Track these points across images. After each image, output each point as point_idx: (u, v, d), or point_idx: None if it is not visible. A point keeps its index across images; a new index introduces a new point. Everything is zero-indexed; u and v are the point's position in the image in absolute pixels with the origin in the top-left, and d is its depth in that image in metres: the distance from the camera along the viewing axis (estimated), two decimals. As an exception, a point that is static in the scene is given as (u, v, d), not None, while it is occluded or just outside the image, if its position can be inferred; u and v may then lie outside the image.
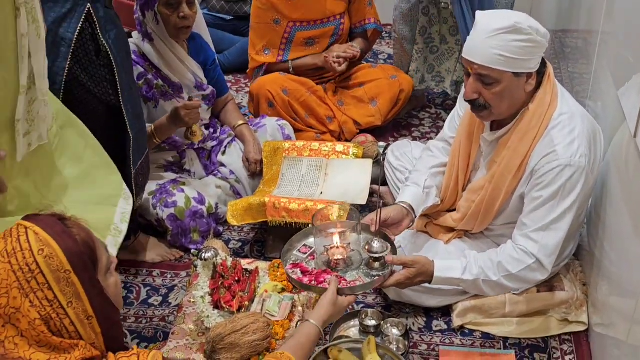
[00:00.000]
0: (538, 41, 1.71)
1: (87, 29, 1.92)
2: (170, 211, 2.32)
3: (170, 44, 2.43)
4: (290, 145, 2.59)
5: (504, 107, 1.82)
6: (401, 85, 2.93)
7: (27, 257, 1.09)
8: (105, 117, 2.00)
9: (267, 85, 2.79)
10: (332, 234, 1.76)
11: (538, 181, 1.77)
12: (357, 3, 2.96)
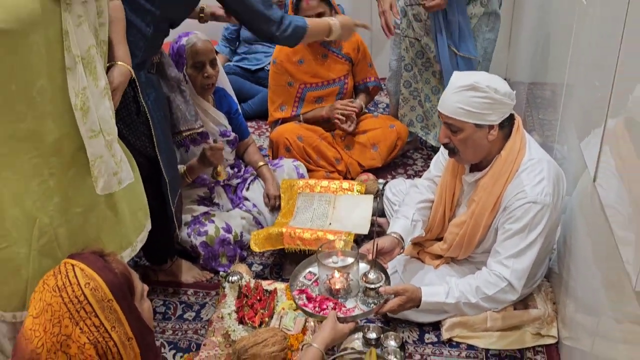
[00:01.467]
0: (496, 99, 1.73)
1: (129, 92, 1.90)
2: (202, 239, 2.33)
3: (198, 99, 2.45)
4: (304, 183, 2.61)
5: (469, 152, 1.85)
6: (398, 134, 2.96)
7: (75, 291, 1.09)
8: (143, 165, 1.98)
9: (285, 134, 2.81)
10: (333, 266, 1.77)
11: (509, 215, 1.78)
12: (360, 65, 3.00)
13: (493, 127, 1.77)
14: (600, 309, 1.50)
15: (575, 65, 1.91)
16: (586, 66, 1.74)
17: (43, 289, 1.11)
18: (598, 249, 1.55)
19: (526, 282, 1.84)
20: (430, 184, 2.15)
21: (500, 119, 1.77)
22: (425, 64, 2.86)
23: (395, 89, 3.05)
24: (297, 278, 1.85)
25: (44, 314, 1.08)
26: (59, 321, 1.07)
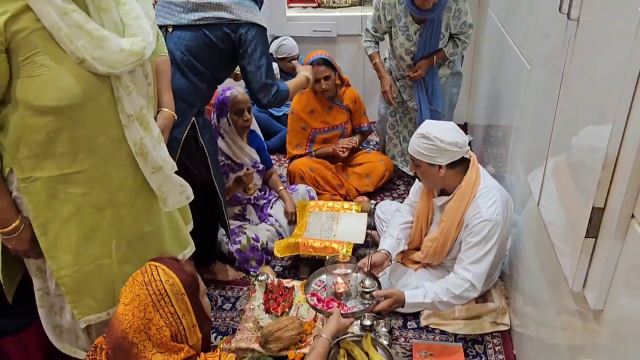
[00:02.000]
0: (441, 147, 1.76)
1: (191, 133, 1.92)
2: (237, 246, 2.33)
3: (237, 138, 2.46)
4: (314, 203, 2.61)
5: (428, 182, 1.92)
6: (386, 166, 2.97)
7: (158, 285, 1.12)
8: (200, 189, 1.97)
9: (300, 166, 2.82)
10: (338, 275, 1.78)
11: (470, 231, 1.79)
12: (356, 114, 3.01)
13: (442, 167, 1.80)
14: (543, 303, 1.51)
15: (522, 114, 1.92)
16: (531, 115, 1.75)
17: (133, 283, 1.14)
18: (541, 257, 1.56)
19: (484, 281, 1.84)
20: (409, 208, 2.15)
21: (447, 161, 1.79)
22: (405, 112, 2.93)
23: (382, 130, 3.08)
24: (310, 285, 1.84)
25: (132, 302, 1.11)
26: (144, 308, 1.10)
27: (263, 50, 1.91)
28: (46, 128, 1.19)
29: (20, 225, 1.27)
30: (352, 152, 2.97)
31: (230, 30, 1.85)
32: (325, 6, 3.90)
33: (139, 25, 1.28)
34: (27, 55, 1.11)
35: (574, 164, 1.11)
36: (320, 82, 2.74)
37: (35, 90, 1.14)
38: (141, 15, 1.29)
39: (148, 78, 1.38)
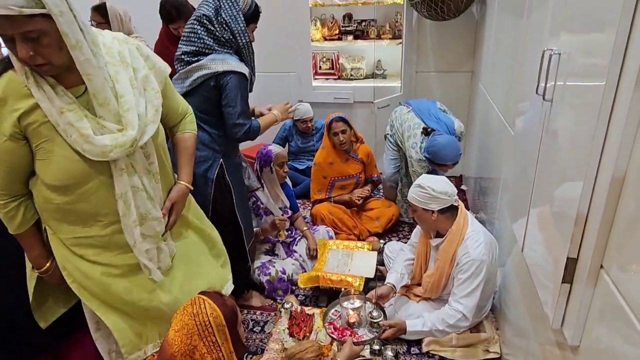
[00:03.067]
0: (433, 195, 1.80)
1: (220, 172, 1.93)
2: (267, 277, 2.33)
3: (276, 185, 2.51)
4: (333, 242, 2.61)
5: (423, 224, 1.96)
6: (393, 212, 2.97)
7: (204, 317, 1.12)
8: (228, 220, 2.00)
9: (321, 209, 2.85)
10: (350, 307, 1.78)
11: (460, 268, 1.80)
12: (368, 166, 3.04)
13: (434, 212, 1.82)
14: (528, 335, 1.48)
15: (507, 170, 1.93)
16: (514, 172, 1.75)
17: (183, 312, 1.15)
18: (525, 294, 1.53)
19: (476, 313, 1.82)
20: (411, 247, 2.16)
21: (439, 207, 1.83)
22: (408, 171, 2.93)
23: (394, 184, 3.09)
24: (327, 314, 1.83)
25: (181, 330, 1.11)
26: (191, 336, 1.11)
27: (237, 95, 1.80)
28: (56, 200, 1.21)
29: (50, 267, 1.32)
30: (364, 198, 2.98)
31: (214, 82, 1.81)
32: (345, 78, 4.02)
33: (129, 118, 1.18)
34: (38, 143, 1.14)
35: (551, 218, 1.12)
36: (338, 135, 2.80)
37: (44, 170, 1.17)
38: (132, 107, 1.19)
39: (150, 158, 1.29)
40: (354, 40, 3.84)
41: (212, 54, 1.80)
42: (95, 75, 1.11)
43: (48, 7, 0.98)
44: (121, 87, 1.18)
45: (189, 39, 1.82)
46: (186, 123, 1.51)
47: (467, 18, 3.19)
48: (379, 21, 3.84)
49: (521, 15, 1.84)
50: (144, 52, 1.29)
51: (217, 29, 1.79)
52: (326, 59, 4.02)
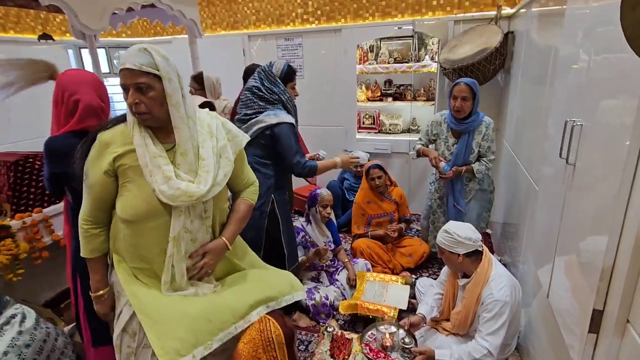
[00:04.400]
0: (458, 240, 1.75)
1: (272, 207, 2.00)
2: (312, 302, 2.31)
3: (320, 222, 2.53)
4: (370, 274, 2.56)
5: (451, 266, 1.87)
6: (424, 250, 2.87)
7: (269, 334, 1.13)
8: (278, 249, 2.03)
9: (360, 244, 2.81)
10: (385, 332, 1.72)
11: (485, 308, 1.70)
12: (401, 207, 2.99)
13: (460, 255, 1.75)
14: (554, 377, 1.35)
15: (532, 220, 1.85)
16: (539, 222, 1.67)
17: (252, 328, 1.15)
18: (550, 337, 1.42)
19: (501, 350, 1.69)
20: (440, 284, 2.07)
21: (464, 251, 1.75)
22: (441, 213, 2.81)
23: (426, 224, 3.00)
24: (364, 336, 1.79)
25: (249, 343, 1.12)
26: (256, 349, 1.12)
27: (289, 139, 1.89)
28: (123, 232, 1.21)
29: (105, 293, 1.27)
30: (399, 235, 2.93)
31: (270, 132, 1.91)
32: (384, 132, 4.06)
33: (205, 177, 1.18)
34: (123, 182, 1.17)
35: (577, 268, 1.06)
36: (375, 179, 2.81)
37: (120, 205, 1.18)
38: (211, 171, 1.19)
39: (207, 213, 1.24)
40: (393, 101, 3.90)
41: (265, 112, 1.94)
42: (183, 130, 1.16)
43: (160, 71, 1.09)
44: (205, 151, 1.20)
45: (246, 104, 2.00)
46: (247, 192, 1.43)
47: (493, 84, 3.17)
48: (415, 86, 3.90)
49: (543, 85, 1.82)
50: (227, 127, 1.32)
51: (265, 93, 1.95)
52: (369, 115, 4.09)
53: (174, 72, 1.13)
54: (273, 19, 3.96)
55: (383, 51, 3.86)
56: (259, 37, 4.01)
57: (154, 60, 1.09)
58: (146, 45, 1.11)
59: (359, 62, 3.87)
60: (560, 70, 1.45)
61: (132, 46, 1.11)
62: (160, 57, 1.10)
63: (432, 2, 3.40)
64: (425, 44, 3.73)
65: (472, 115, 2.39)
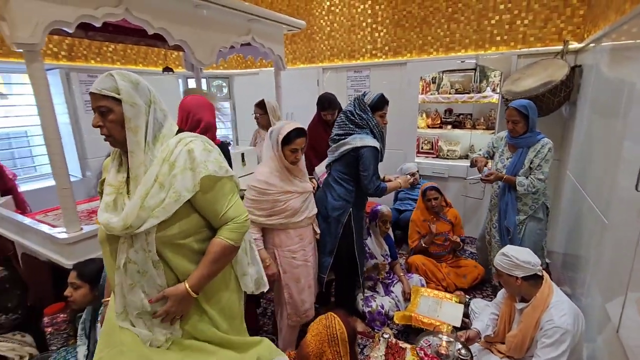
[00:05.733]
0: (516, 263, 1.60)
1: (348, 219, 1.99)
2: (369, 309, 2.27)
3: (379, 237, 2.50)
4: (424, 290, 2.46)
5: (509, 289, 1.72)
6: (479, 272, 2.70)
7: (334, 330, 1.13)
8: (350, 259, 2.03)
9: (416, 260, 2.72)
10: (442, 339, 1.64)
11: (544, 333, 1.54)
12: (456, 227, 2.84)
13: (518, 278, 1.61)
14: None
15: (599, 252, 1.66)
16: (608, 255, 1.51)
17: (319, 323, 1.16)
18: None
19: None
20: (497, 305, 1.92)
21: (523, 275, 1.60)
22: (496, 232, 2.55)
23: (480, 245, 2.82)
24: (419, 341, 1.72)
25: (316, 336, 1.13)
26: (322, 342, 1.12)
27: (370, 162, 1.92)
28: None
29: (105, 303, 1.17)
30: (453, 255, 2.78)
31: (354, 153, 1.95)
32: (441, 157, 3.94)
33: (128, 207, 0.98)
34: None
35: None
36: (431, 200, 2.71)
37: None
38: (137, 201, 0.98)
39: (149, 246, 1.01)
40: (452, 128, 3.78)
41: (354, 134, 2.00)
42: (137, 154, 1.00)
43: (121, 94, 0.98)
44: (144, 178, 1.00)
45: (339, 126, 2.07)
46: (224, 229, 1.09)
47: (557, 115, 2.94)
48: (474, 115, 3.74)
49: (615, 117, 1.66)
50: (193, 155, 1.03)
51: (356, 118, 2.01)
52: (427, 141, 4.00)
53: (142, 96, 1.01)
54: (345, 54, 4.09)
55: (445, 82, 3.78)
56: (332, 69, 4.16)
57: (116, 84, 0.99)
58: (114, 71, 1.01)
59: (422, 92, 3.83)
60: (637, 103, 1.32)
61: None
62: (125, 82, 0.99)
63: (495, 38, 3.28)
64: (487, 76, 3.59)
65: (528, 133, 2.25)
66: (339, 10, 4.04)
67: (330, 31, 4.13)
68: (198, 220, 1.07)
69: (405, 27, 3.68)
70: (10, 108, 2.94)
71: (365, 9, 3.88)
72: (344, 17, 4.02)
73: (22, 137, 3.11)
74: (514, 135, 2.28)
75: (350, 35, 4.01)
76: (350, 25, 3.99)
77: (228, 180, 1.09)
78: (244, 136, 4.93)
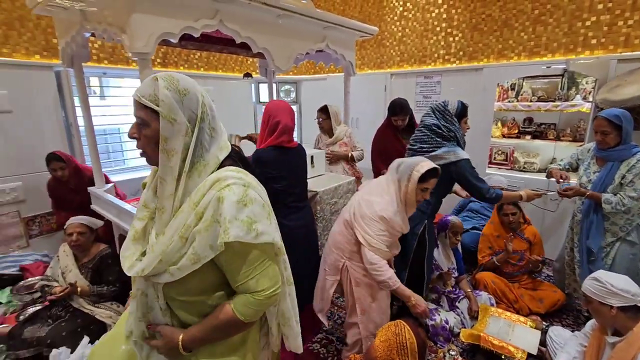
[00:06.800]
0: (612, 290, 1.43)
1: (422, 231, 2.01)
2: (432, 322, 2.19)
3: (448, 248, 2.41)
4: (494, 309, 2.30)
5: (599, 319, 1.54)
6: (559, 297, 2.45)
7: (403, 339, 1.12)
8: (419, 266, 2.02)
9: (485, 277, 2.55)
10: None
11: None
12: (535, 246, 2.59)
13: (613, 307, 1.42)
14: None
15: None
16: None
17: (388, 329, 1.16)
18: None
19: None
20: (584, 336, 1.72)
21: (619, 304, 1.41)
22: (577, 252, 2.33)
23: (558, 266, 2.56)
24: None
25: (385, 342, 1.13)
26: (390, 349, 1.11)
27: (470, 172, 1.94)
28: None
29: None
30: (528, 276, 2.55)
31: (453, 167, 1.93)
32: (516, 169, 3.65)
33: (149, 257, 0.86)
34: None
35: None
36: (508, 216, 2.53)
37: None
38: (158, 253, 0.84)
39: (157, 291, 0.91)
40: (532, 139, 3.48)
41: (443, 147, 1.98)
42: (168, 183, 0.83)
43: (160, 106, 0.80)
44: (170, 225, 0.84)
45: (422, 140, 2.05)
46: (239, 298, 0.90)
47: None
48: (559, 125, 3.41)
49: None
50: (222, 208, 0.82)
51: (444, 130, 1.98)
52: (501, 152, 3.74)
53: (187, 111, 0.82)
54: (416, 59, 4.01)
55: (525, 89, 3.50)
56: (401, 75, 4.10)
57: (157, 92, 0.80)
58: (163, 74, 0.83)
59: (498, 99, 3.59)
60: None
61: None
62: (170, 91, 0.80)
63: (590, 41, 2.96)
64: (577, 83, 3.25)
65: (621, 145, 2.00)
66: (412, 16, 3.98)
67: (402, 36, 4.08)
68: (216, 279, 0.89)
69: (484, 31, 3.50)
70: (106, 108, 3.36)
71: (440, 13, 3.77)
72: (417, 22, 3.94)
73: (115, 133, 3.53)
74: (603, 148, 2.05)
75: (423, 40, 3.93)
76: (423, 30, 3.91)
77: (255, 247, 0.85)
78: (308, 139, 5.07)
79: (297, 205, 1.90)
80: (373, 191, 1.72)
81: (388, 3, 4.13)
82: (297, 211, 1.89)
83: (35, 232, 2.82)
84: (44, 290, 1.91)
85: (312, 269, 1.96)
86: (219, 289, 0.90)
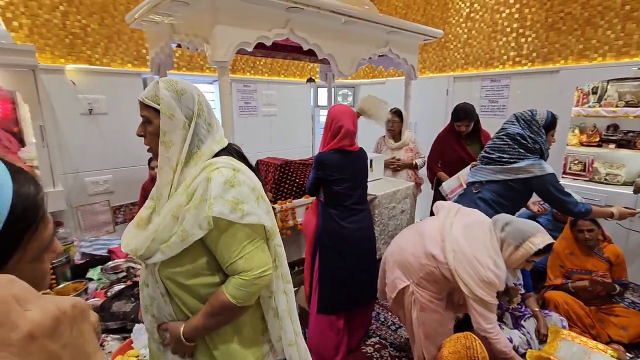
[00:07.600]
0: None
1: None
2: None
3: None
4: (567, 332, 2.08)
5: None
6: (648, 326, 2.17)
7: (474, 352, 1.10)
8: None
9: (556, 297, 2.35)
10: None
11: None
12: (617, 267, 2.33)
13: None
14: None
15: None
16: None
17: (457, 340, 1.14)
18: None
19: None
20: None
21: None
22: None
23: None
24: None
25: (454, 353, 1.10)
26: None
27: (555, 188, 1.86)
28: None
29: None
30: (608, 300, 2.30)
31: (528, 181, 1.87)
32: (596, 181, 3.31)
33: (140, 239, 0.92)
34: None
35: None
36: (584, 232, 2.30)
37: None
38: (152, 230, 0.90)
39: (155, 276, 0.94)
40: (617, 148, 3.13)
41: (527, 160, 1.89)
42: (165, 172, 0.91)
43: (160, 104, 0.90)
44: (166, 206, 0.91)
45: (502, 149, 1.96)
46: (230, 282, 0.92)
47: None
48: (652, 133, 3.03)
49: None
50: (210, 187, 0.87)
51: (529, 142, 1.89)
52: (578, 161, 3.41)
53: (184, 108, 0.91)
54: (482, 62, 3.83)
55: (610, 93, 3.16)
56: (464, 78, 3.94)
57: (158, 93, 0.90)
58: (164, 78, 0.94)
59: (576, 104, 3.29)
60: None
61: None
62: (168, 91, 0.90)
63: (696, 38, 2.59)
64: (676, 86, 2.86)
65: None
66: (479, 17, 3.80)
67: (467, 39, 3.92)
68: (209, 262, 0.91)
69: (562, 31, 3.23)
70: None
71: (511, 13, 3.56)
72: (485, 23, 3.76)
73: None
74: None
75: (490, 42, 3.73)
76: (491, 32, 3.72)
77: (243, 227, 0.88)
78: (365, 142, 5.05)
79: (357, 207, 1.92)
80: (473, 243, 1.58)
81: (453, 5, 3.99)
82: (356, 213, 1.91)
83: (120, 219, 3.20)
84: (129, 270, 2.14)
85: (367, 272, 1.96)
86: (212, 275, 0.92)
